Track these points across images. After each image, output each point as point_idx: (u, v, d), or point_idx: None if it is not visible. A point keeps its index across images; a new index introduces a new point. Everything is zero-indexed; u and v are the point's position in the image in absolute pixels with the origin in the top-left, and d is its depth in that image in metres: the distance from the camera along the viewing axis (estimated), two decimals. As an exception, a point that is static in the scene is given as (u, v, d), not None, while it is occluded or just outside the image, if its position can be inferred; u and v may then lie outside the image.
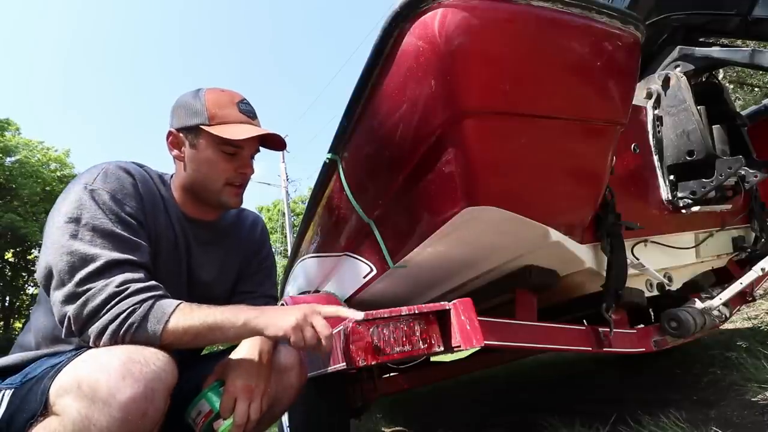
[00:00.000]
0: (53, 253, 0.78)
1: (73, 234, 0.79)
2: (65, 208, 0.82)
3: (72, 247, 0.77)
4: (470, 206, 0.87)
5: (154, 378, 0.69)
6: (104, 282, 0.76)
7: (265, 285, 1.14)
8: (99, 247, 0.79)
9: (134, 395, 0.66)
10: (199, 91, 0.96)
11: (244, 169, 0.97)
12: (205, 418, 0.82)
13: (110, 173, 0.88)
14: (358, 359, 0.77)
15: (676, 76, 1.35)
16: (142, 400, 0.66)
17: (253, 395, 0.82)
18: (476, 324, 0.84)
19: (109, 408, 0.64)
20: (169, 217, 0.97)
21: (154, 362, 0.71)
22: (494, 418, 1.99)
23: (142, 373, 0.68)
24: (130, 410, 0.65)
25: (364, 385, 1.57)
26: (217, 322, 0.77)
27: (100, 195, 0.83)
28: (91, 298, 0.75)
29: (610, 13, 0.85)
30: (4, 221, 10.37)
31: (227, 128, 0.91)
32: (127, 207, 0.86)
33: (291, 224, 15.96)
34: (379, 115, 0.95)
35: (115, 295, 0.75)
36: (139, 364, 0.69)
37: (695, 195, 1.26)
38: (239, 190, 0.99)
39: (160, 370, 0.70)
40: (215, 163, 0.94)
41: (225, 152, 0.93)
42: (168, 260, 0.95)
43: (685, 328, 1.23)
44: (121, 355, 0.69)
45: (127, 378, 0.66)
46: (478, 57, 0.78)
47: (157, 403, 0.69)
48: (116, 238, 0.81)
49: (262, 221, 1.22)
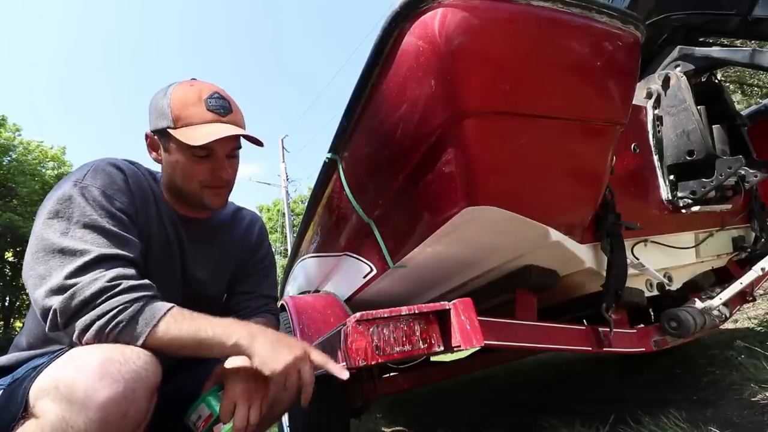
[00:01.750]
0: (42, 249, 0.76)
1: (62, 230, 0.77)
2: (54, 205, 0.80)
3: (62, 244, 0.75)
4: (470, 206, 0.87)
5: (134, 377, 0.67)
6: (94, 275, 0.74)
7: (263, 285, 1.13)
8: (89, 242, 0.77)
9: (112, 395, 0.64)
10: (169, 87, 0.91)
11: (218, 171, 0.92)
12: (205, 422, 0.81)
13: (100, 169, 0.86)
14: (358, 359, 0.77)
15: (676, 76, 1.35)
16: (121, 400, 0.64)
17: (253, 399, 0.80)
18: (476, 324, 0.84)
19: (86, 409, 0.62)
20: (161, 214, 0.95)
21: (135, 361, 0.69)
22: (494, 418, 1.99)
23: (121, 372, 0.66)
24: (109, 411, 0.63)
25: (364, 385, 1.57)
26: (205, 339, 0.74)
27: (90, 191, 0.82)
28: (79, 291, 0.72)
29: (610, 13, 0.85)
30: (3, 220, 10.36)
31: (190, 131, 0.85)
32: (118, 202, 0.85)
33: (291, 224, 15.95)
34: (379, 115, 0.95)
35: (106, 289, 0.73)
36: (118, 363, 0.67)
37: (695, 195, 1.26)
38: (219, 191, 0.95)
39: (141, 369, 0.69)
40: (188, 167, 0.90)
41: (196, 155, 0.89)
42: (161, 257, 0.94)
43: (685, 328, 1.23)
44: (100, 355, 0.67)
45: (105, 378, 0.64)
46: (478, 57, 0.78)
47: (138, 404, 0.67)
48: (107, 233, 0.79)
49: (260, 221, 1.20)
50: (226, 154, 0.93)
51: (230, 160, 0.95)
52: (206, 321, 0.77)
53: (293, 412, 1.53)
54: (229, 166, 0.95)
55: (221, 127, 0.87)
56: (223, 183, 0.95)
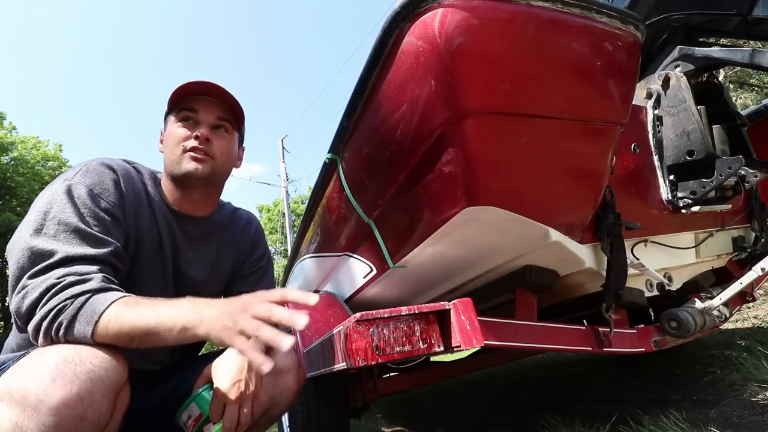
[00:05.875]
0: (17, 247, 0.76)
1: (37, 229, 0.77)
2: (39, 202, 0.81)
3: (33, 242, 0.75)
4: (470, 206, 0.87)
5: (90, 378, 0.64)
6: (48, 275, 0.72)
7: (260, 285, 1.12)
8: (61, 242, 0.76)
9: (65, 398, 0.60)
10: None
11: (199, 131, 0.94)
12: (195, 422, 0.81)
13: (92, 169, 0.87)
14: (358, 359, 0.77)
15: (676, 76, 1.35)
16: (76, 402, 0.61)
17: (244, 398, 0.79)
18: (476, 324, 0.84)
19: (38, 413, 0.59)
20: (154, 214, 0.95)
21: (91, 361, 0.66)
22: (494, 418, 1.99)
23: (75, 373, 0.63)
24: (63, 414, 0.60)
25: (364, 385, 1.57)
26: (152, 327, 0.69)
27: (76, 189, 0.82)
28: (30, 292, 0.71)
29: (610, 13, 0.85)
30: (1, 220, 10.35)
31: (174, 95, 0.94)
32: (104, 202, 0.84)
33: (291, 224, 15.96)
34: (379, 115, 0.95)
35: (49, 288, 0.71)
36: (72, 363, 0.64)
37: (695, 195, 1.26)
38: (198, 155, 0.93)
39: (98, 368, 0.66)
40: (174, 134, 0.95)
41: (181, 119, 0.95)
42: (151, 259, 0.94)
43: (685, 328, 1.23)
44: (55, 356, 0.65)
45: (57, 380, 0.61)
46: (478, 57, 0.78)
47: (96, 405, 0.64)
48: (80, 234, 0.78)
49: (256, 220, 1.20)
50: (211, 124, 0.96)
51: (216, 132, 0.97)
52: (152, 308, 0.71)
53: (293, 411, 1.53)
54: (215, 136, 0.96)
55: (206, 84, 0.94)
56: (205, 149, 0.94)
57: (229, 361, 0.84)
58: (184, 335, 0.69)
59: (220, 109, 0.97)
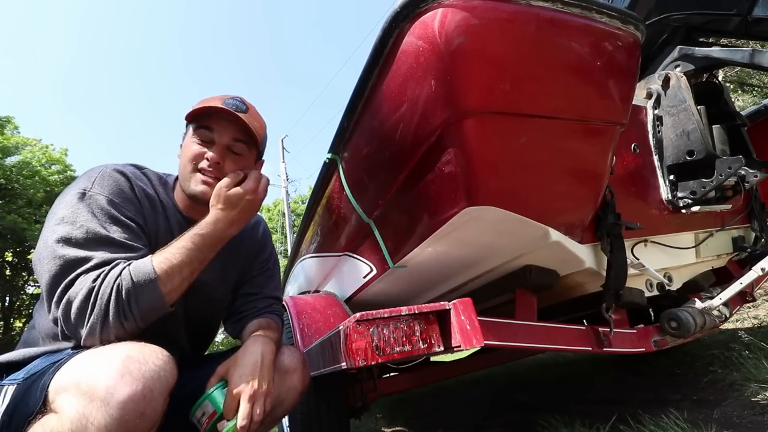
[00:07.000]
0: (47, 256, 0.78)
1: (66, 238, 0.79)
2: (61, 212, 0.82)
3: (62, 251, 0.78)
4: (470, 206, 0.87)
5: (153, 377, 0.68)
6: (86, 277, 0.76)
7: (268, 286, 1.14)
8: (92, 250, 0.79)
9: (132, 394, 0.65)
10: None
11: (210, 153, 0.93)
12: (209, 419, 0.82)
13: (107, 176, 0.88)
14: (358, 359, 0.77)
15: (676, 76, 1.35)
16: (140, 399, 0.65)
17: (257, 396, 0.81)
18: (476, 324, 0.84)
19: (106, 407, 0.63)
20: (167, 218, 0.97)
21: (154, 361, 0.70)
22: (494, 418, 1.99)
23: (141, 371, 0.67)
24: (128, 409, 0.64)
25: (364, 385, 1.57)
26: (196, 243, 0.84)
27: (97, 200, 0.84)
28: (73, 298, 0.75)
29: (610, 13, 0.85)
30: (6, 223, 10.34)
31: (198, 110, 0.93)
32: (126, 210, 0.87)
33: (291, 224, 15.95)
34: (379, 115, 0.95)
35: (91, 290, 0.75)
36: (138, 362, 0.68)
37: (695, 195, 1.26)
38: (207, 178, 0.93)
39: (160, 369, 0.70)
40: (188, 149, 0.94)
41: (199, 138, 0.94)
42: None
43: (685, 328, 1.23)
44: (121, 353, 0.69)
45: (126, 376, 0.66)
46: (478, 57, 0.78)
47: (154, 404, 0.68)
48: (111, 242, 0.81)
49: (263, 223, 1.21)
50: (225, 144, 0.94)
51: (232, 156, 0.95)
52: (180, 238, 0.85)
53: (293, 412, 1.53)
54: (228, 158, 0.94)
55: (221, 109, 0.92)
56: (215, 171, 0.93)
57: (243, 360, 0.86)
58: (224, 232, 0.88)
59: (237, 129, 0.95)
